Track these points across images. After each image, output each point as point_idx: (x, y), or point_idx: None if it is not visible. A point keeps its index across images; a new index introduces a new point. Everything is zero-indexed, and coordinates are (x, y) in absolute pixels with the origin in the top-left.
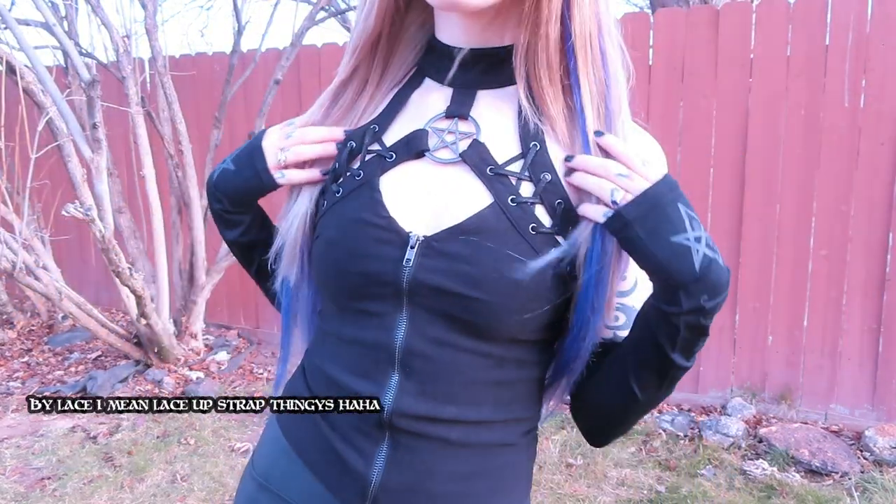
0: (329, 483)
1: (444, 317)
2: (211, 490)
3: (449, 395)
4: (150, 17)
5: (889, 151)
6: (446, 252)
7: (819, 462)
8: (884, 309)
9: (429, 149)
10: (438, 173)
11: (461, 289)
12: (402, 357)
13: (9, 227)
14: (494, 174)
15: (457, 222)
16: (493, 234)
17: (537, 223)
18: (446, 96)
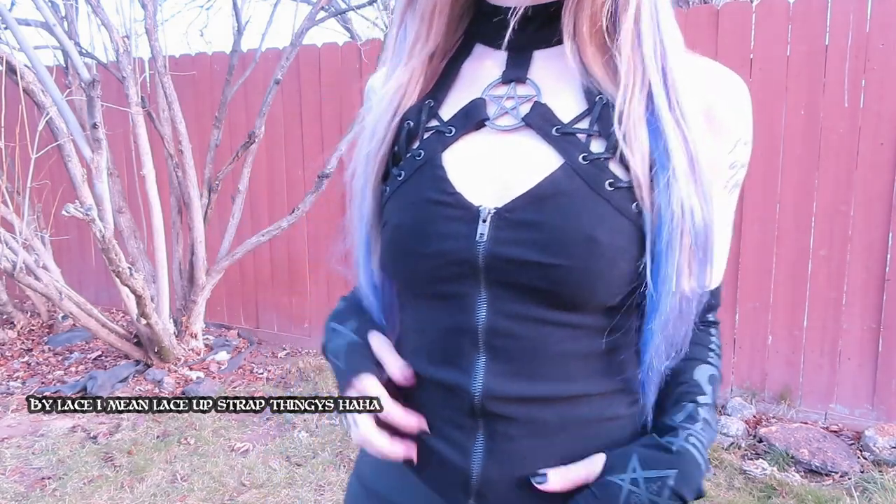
0: (431, 482)
1: (526, 290)
2: (211, 490)
3: (539, 372)
4: (149, 17)
5: (889, 151)
6: (520, 221)
7: (819, 462)
8: (884, 309)
9: (489, 117)
10: (502, 141)
11: (540, 257)
12: (485, 338)
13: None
14: (561, 134)
15: (527, 189)
16: (567, 196)
17: (613, 178)
18: (500, 61)
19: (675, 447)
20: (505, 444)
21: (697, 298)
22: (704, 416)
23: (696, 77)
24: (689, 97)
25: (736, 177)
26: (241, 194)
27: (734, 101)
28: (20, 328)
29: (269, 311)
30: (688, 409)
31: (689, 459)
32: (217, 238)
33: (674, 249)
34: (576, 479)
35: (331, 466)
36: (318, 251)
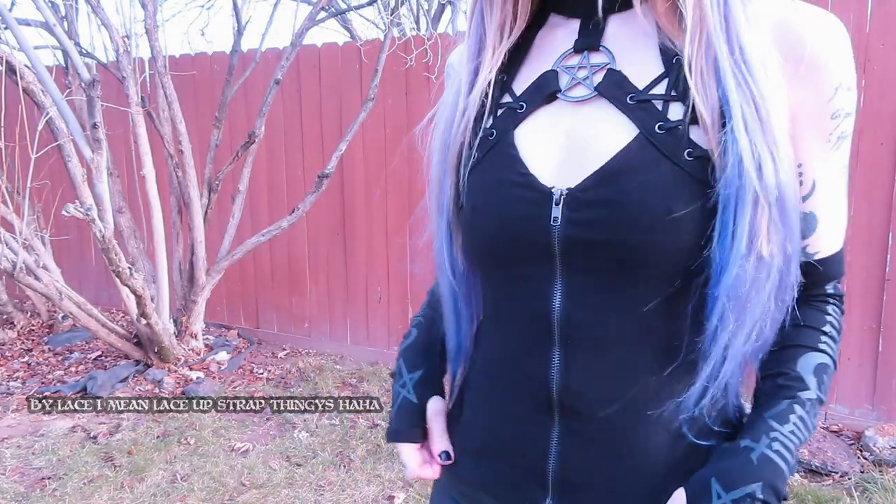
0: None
1: (601, 273)
2: (211, 490)
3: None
4: (150, 17)
5: (889, 151)
6: (596, 201)
7: (819, 462)
8: (884, 309)
9: (560, 89)
10: (575, 114)
11: (617, 237)
12: (561, 329)
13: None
14: (637, 102)
15: (601, 165)
16: (642, 171)
17: (692, 146)
18: (573, 29)
19: (756, 457)
20: (583, 440)
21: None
22: (801, 415)
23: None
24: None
25: (841, 127)
26: (241, 194)
27: (828, 43)
28: (20, 328)
29: (269, 311)
30: (780, 407)
31: (771, 469)
32: (217, 238)
33: (742, 208)
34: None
35: (331, 466)
36: (317, 251)
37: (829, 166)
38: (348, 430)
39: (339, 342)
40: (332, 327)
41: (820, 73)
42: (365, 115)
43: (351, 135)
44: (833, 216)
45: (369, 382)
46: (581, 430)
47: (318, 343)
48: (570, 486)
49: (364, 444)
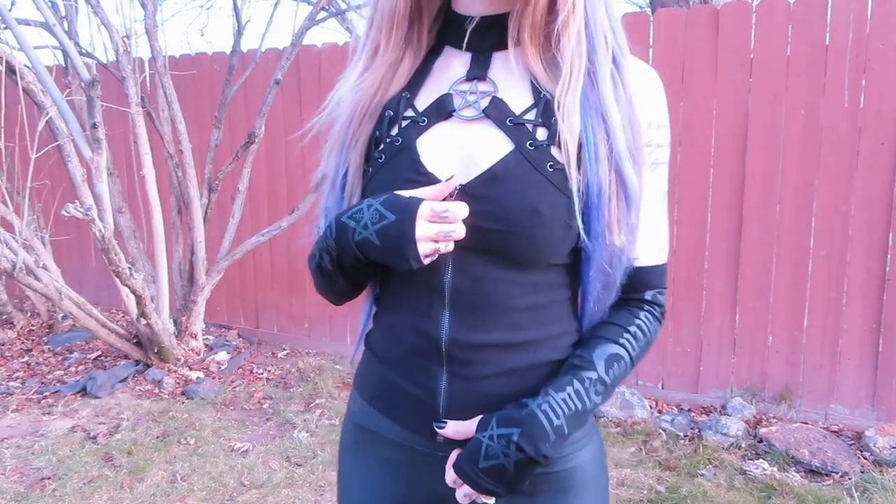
0: (405, 421)
1: (484, 253)
2: (211, 490)
3: (494, 322)
4: (149, 17)
5: (889, 151)
6: (479, 196)
7: (819, 462)
8: (884, 309)
9: (455, 109)
10: (466, 129)
11: (496, 225)
12: (450, 295)
13: (9, 227)
14: (513, 124)
15: (485, 169)
16: (515, 176)
17: (554, 161)
18: (465, 61)
19: (525, 412)
20: (465, 384)
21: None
22: (577, 389)
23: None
24: (614, 88)
25: (654, 155)
26: (241, 194)
27: (646, 90)
28: (20, 328)
29: (269, 311)
30: (562, 381)
31: (534, 422)
32: (217, 238)
33: (603, 209)
34: (464, 431)
35: (331, 466)
36: None
37: (647, 187)
38: None
39: (339, 342)
40: (332, 327)
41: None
42: None
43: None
44: (654, 230)
45: None
46: (465, 377)
47: (318, 343)
48: (454, 417)
49: None
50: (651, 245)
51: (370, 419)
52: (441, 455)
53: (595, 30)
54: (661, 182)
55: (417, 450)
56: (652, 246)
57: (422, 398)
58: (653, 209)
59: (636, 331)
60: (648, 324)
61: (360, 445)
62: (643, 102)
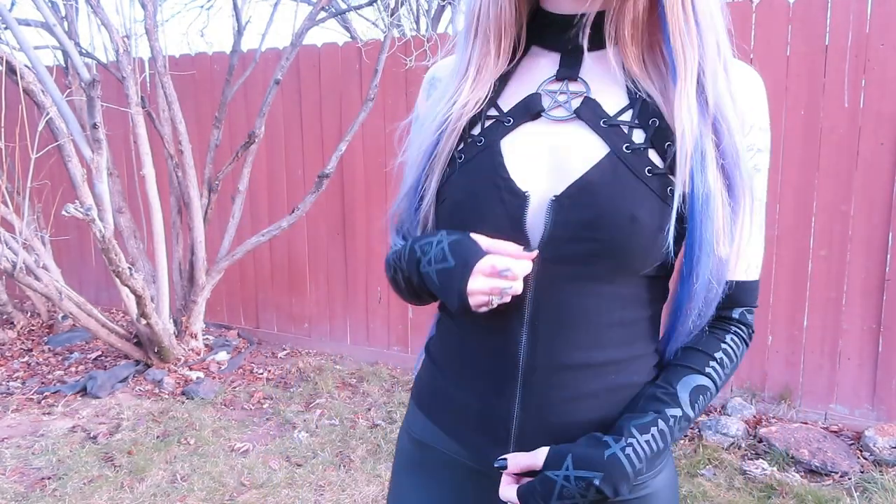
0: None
1: (574, 264)
2: (211, 490)
3: (578, 341)
4: (150, 17)
5: (889, 151)
6: (574, 204)
7: (819, 462)
8: (884, 309)
9: (544, 109)
10: (556, 131)
11: (593, 234)
12: (532, 311)
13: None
14: (608, 126)
15: (580, 175)
16: (613, 182)
17: (652, 165)
18: (554, 61)
19: (608, 454)
20: (540, 408)
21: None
22: (661, 429)
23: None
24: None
25: (754, 160)
26: (241, 194)
27: (748, 91)
28: (20, 328)
29: (269, 311)
30: (646, 420)
31: (616, 467)
32: (217, 238)
33: (711, 217)
34: (527, 465)
35: (331, 466)
36: (317, 251)
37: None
38: (348, 430)
39: (339, 342)
40: (332, 327)
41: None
42: (365, 115)
43: (351, 135)
44: (746, 243)
45: (369, 382)
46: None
47: (318, 343)
48: (526, 444)
49: (364, 444)
50: (745, 258)
51: (429, 435)
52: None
53: (704, 27)
54: (761, 190)
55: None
56: (746, 259)
57: (491, 420)
58: (751, 219)
59: (723, 357)
60: (735, 348)
61: (418, 463)
62: (746, 104)
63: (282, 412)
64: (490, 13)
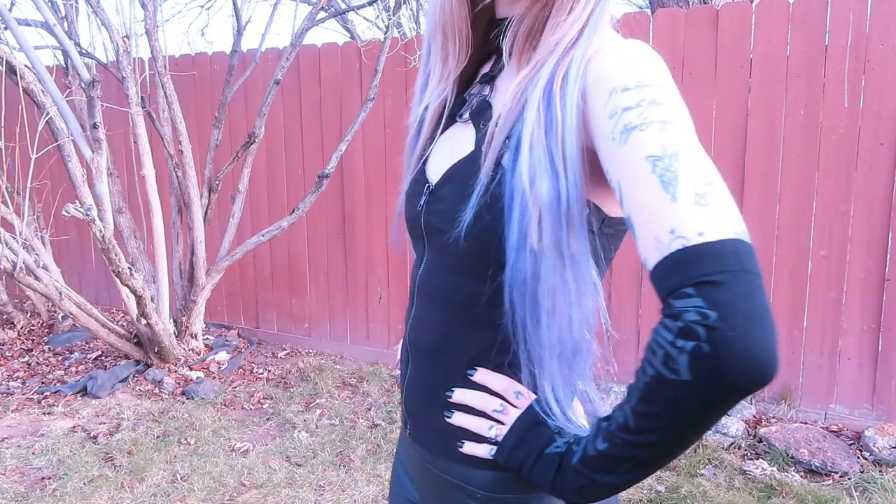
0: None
1: (440, 251)
2: (211, 490)
3: (438, 325)
4: (150, 17)
5: (889, 151)
6: (437, 195)
7: (819, 462)
8: (884, 309)
9: (459, 112)
10: (458, 132)
11: (440, 224)
12: (418, 289)
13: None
14: (483, 125)
15: (447, 169)
16: (463, 175)
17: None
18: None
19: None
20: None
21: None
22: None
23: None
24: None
25: (621, 122)
26: (241, 194)
27: (600, 62)
28: (20, 328)
29: (269, 311)
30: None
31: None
32: (217, 238)
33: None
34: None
35: (331, 466)
36: (317, 251)
37: (625, 164)
38: (348, 430)
39: (339, 342)
40: (332, 327)
41: (594, 92)
42: (365, 115)
43: (351, 135)
44: (654, 210)
45: (369, 382)
46: (414, 372)
47: (318, 343)
48: (410, 415)
49: (364, 444)
50: (647, 237)
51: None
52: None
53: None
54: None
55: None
56: (648, 238)
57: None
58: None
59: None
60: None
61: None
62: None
63: (282, 412)
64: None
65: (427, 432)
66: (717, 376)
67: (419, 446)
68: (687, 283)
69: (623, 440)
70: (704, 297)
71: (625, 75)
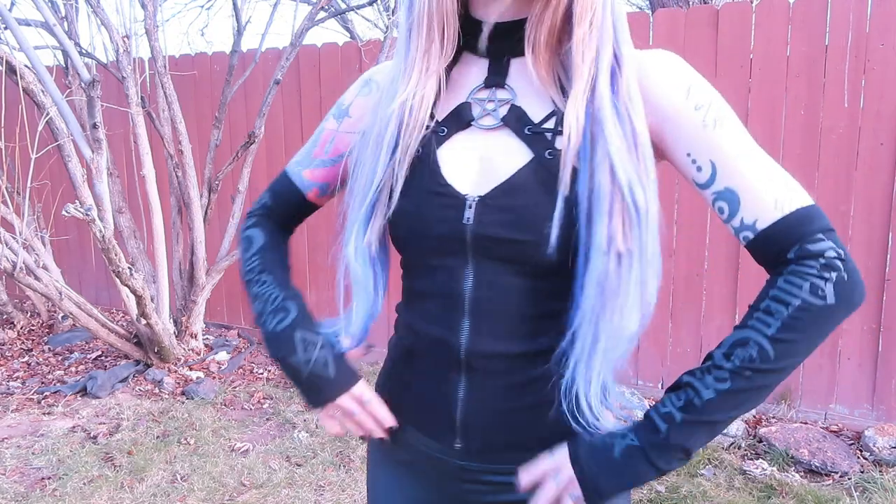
0: (424, 427)
1: (502, 261)
2: (211, 490)
3: (512, 331)
4: (150, 17)
5: (889, 151)
6: (497, 206)
7: (819, 462)
8: (884, 309)
9: (474, 118)
10: (485, 138)
11: (515, 235)
12: (470, 304)
13: (9, 227)
14: (532, 133)
15: (504, 179)
16: (533, 185)
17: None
18: (483, 68)
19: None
20: (482, 392)
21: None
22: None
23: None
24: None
25: (709, 114)
26: (241, 194)
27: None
28: (20, 328)
29: None
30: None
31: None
32: (217, 238)
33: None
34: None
35: (331, 466)
36: (317, 251)
37: (722, 144)
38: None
39: None
40: None
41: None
42: None
43: None
44: (760, 182)
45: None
46: (482, 385)
47: None
48: (472, 429)
49: (364, 444)
50: (766, 197)
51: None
52: (458, 464)
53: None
54: (736, 135)
55: (436, 457)
56: (768, 197)
57: (440, 406)
58: (750, 161)
59: (770, 304)
60: (791, 289)
61: (385, 452)
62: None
63: (282, 412)
64: (432, 5)
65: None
66: (852, 298)
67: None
68: (818, 230)
69: (757, 370)
70: (833, 241)
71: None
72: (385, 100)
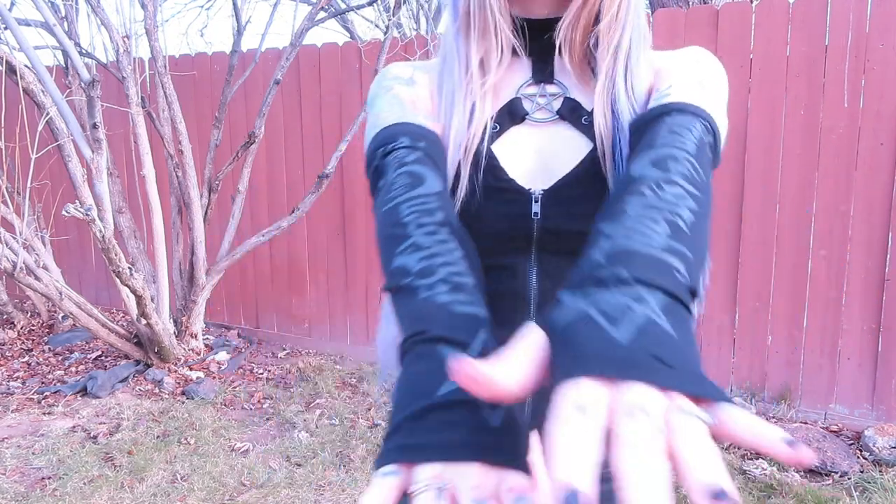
0: None
1: (566, 255)
2: (211, 490)
3: None
4: (150, 17)
5: (889, 151)
6: (564, 198)
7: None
8: (884, 309)
9: (528, 113)
10: (541, 132)
11: (581, 226)
12: (537, 301)
13: (9, 227)
14: (589, 123)
15: (569, 171)
16: (596, 174)
17: None
18: (526, 66)
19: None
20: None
21: None
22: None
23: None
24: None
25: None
26: (241, 194)
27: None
28: (20, 328)
29: (269, 311)
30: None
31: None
32: (217, 238)
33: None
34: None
35: (331, 466)
36: (317, 251)
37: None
38: (348, 430)
39: (339, 342)
40: (332, 327)
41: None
42: (365, 115)
43: (351, 135)
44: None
45: (369, 382)
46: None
47: (318, 343)
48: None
49: (364, 444)
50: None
51: None
52: None
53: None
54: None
55: None
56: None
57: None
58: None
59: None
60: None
61: None
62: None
63: (282, 412)
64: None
65: None
66: None
67: None
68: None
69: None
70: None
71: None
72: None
